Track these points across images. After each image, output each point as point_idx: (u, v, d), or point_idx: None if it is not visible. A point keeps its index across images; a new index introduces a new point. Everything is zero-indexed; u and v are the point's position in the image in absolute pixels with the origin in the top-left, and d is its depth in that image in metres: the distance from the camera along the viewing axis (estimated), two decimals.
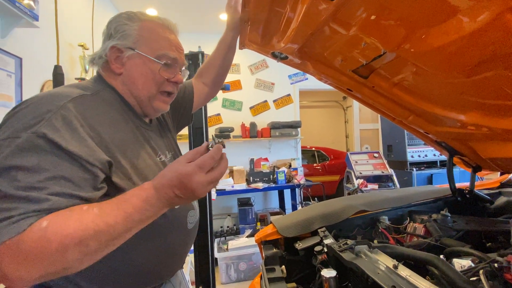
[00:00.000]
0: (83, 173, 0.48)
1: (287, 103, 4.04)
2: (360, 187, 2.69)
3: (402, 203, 1.10)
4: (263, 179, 3.22)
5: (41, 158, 0.45)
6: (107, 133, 0.56)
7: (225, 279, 2.48)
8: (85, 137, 0.50)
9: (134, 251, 0.58)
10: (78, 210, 0.45)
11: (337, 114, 6.90)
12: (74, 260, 0.43)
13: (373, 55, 0.72)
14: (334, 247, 0.74)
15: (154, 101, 0.67)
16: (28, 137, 0.45)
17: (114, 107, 0.62)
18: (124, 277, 0.59)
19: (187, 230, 0.70)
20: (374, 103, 0.98)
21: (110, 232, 0.44)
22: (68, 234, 0.42)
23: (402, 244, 0.95)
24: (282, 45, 0.83)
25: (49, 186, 0.44)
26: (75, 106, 0.52)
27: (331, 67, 0.89)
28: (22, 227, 0.41)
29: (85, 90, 0.59)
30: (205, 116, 1.75)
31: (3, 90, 1.41)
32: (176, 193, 0.48)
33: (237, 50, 0.97)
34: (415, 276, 0.60)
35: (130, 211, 0.46)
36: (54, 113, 0.49)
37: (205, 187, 0.48)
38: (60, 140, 0.46)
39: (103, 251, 0.46)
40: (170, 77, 0.67)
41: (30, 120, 0.47)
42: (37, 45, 1.70)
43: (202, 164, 0.48)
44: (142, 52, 0.64)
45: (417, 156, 3.34)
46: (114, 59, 0.64)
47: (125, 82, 0.65)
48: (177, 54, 0.68)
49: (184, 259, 0.74)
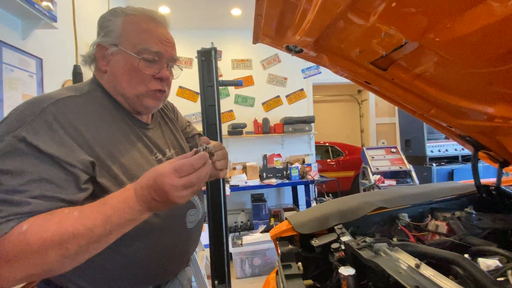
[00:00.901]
0: (64, 175, 0.48)
1: (300, 98, 3.98)
2: (377, 183, 2.63)
3: (422, 199, 1.06)
4: (276, 175, 3.21)
5: (22, 161, 0.45)
6: (92, 133, 0.54)
7: (240, 274, 2.51)
8: (65, 139, 0.50)
9: (129, 252, 0.57)
10: (59, 213, 0.45)
11: (351, 108, 6.74)
12: (55, 262, 0.43)
13: (393, 46, 0.69)
14: (352, 245, 0.72)
15: (143, 99, 0.64)
16: (9, 141, 0.46)
17: (104, 107, 0.61)
18: (120, 277, 0.58)
19: (186, 229, 0.67)
20: (393, 96, 0.94)
21: (89, 236, 0.44)
22: (47, 238, 0.42)
23: (423, 242, 0.92)
24: (297, 38, 0.80)
25: (30, 189, 0.44)
26: (58, 108, 0.52)
27: (348, 60, 0.86)
28: (4, 230, 0.41)
29: (75, 91, 0.59)
30: (218, 113, 1.76)
31: (26, 90, 1.48)
32: (152, 195, 0.46)
33: (249, 45, 0.95)
34: (439, 276, 0.57)
35: (109, 214, 0.45)
36: (35, 116, 0.49)
37: (179, 191, 0.45)
38: (39, 143, 0.47)
39: (84, 254, 0.45)
40: (153, 72, 0.63)
41: (14, 124, 0.48)
42: (56, 46, 1.76)
43: (178, 167, 0.46)
44: (124, 48, 0.61)
45: (437, 151, 3.22)
46: (100, 57, 0.63)
47: (110, 80, 0.63)
48: (161, 47, 0.63)
49: (186, 258, 0.72)
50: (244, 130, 3.59)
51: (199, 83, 1.74)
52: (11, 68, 1.36)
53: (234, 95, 3.85)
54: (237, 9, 3.30)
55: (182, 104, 3.68)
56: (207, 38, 3.13)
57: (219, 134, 1.75)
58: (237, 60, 3.86)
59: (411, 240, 0.92)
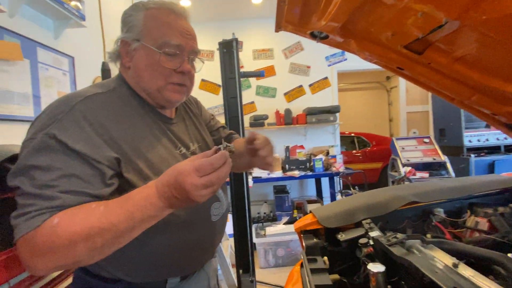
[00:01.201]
0: (91, 171, 0.49)
1: (324, 86, 3.85)
2: (408, 176, 2.49)
3: (460, 194, 0.98)
4: (299, 167, 3.17)
5: (52, 157, 0.48)
6: (118, 129, 0.56)
7: (264, 264, 2.54)
8: (92, 136, 0.51)
9: (156, 243, 0.59)
10: (86, 208, 0.47)
11: (379, 96, 6.40)
12: (83, 254, 0.45)
13: (431, 27, 0.63)
14: (382, 241, 0.69)
15: (164, 92, 0.64)
16: (41, 138, 0.48)
17: (129, 103, 0.62)
18: (149, 267, 0.60)
19: (211, 223, 0.68)
20: (429, 82, 0.86)
21: (114, 230, 0.45)
22: (75, 231, 0.44)
23: (461, 240, 0.86)
24: (323, 24, 0.76)
25: (60, 184, 0.47)
26: (86, 104, 0.54)
27: (379, 44, 0.80)
28: (36, 223, 0.44)
29: (101, 88, 0.60)
30: (240, 105, 1.75)
31: (61, 88, 1.58)
32: (173, 193, 0.46)
33: (270, 34, 0.91)
34: (480, 276, 0.53)
35: (132, 210, 0.46)
36: (65, 114, 0.51)
37: (199, 191, 0.46)
38: (67, 140, 0.49)
39: (111, 247, 0.47)
40: (174, 66, 0.62)
41: (46, 121, 0.50)
42: (86, 44, 1.84)
43: (199, 166, 0.46)
44: (145, 42, 0.61)
45: (475, 141, 2.96)
46: (124, 53, 0.64)
47: (133, 76, 0.64)
48: (181, 40, 0.62)
49: (212, 250, 0.73)
50: (266, 122, 3.56)
51: (221, 76, 1.74)
52: (46, 67, 1.46)
53: (256, 86, 3.82)
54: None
55: (204, 97, 3.73)
56: (228, 30, 3.11)
57: (241, 126, 1.76)
58: (258, 50, 3.80)
59: (446, 237, 0.86)
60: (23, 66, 1.31)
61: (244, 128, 1.79)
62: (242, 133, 1.77)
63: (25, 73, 1.32)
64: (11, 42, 1.23)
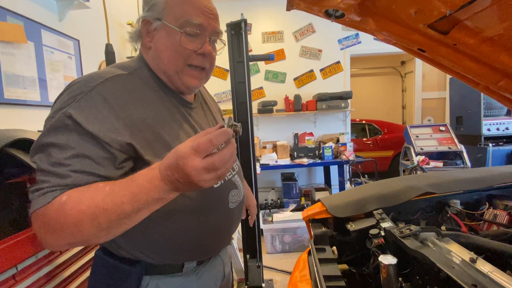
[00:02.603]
0: (103, 153, 0.49)
1: (336, 71, 3.72)
2: (421, 164, 2.41)
3: (478, 185, 0.93)
4: (308, 154, 3.13)
5: (68, 137, 0.48)
6: (139, 112, 0.55)
7: (271, 249, 2.58)
8: (109, 118, 0.51)
9: (175, 227, 0.59)
10: (93, 188, 0.47)
11: (393, 82, 6.18)
12: (90, 233, 0.45)
13: (461, 2, 0.56)
14: (394, 232, 0.66)
15: (182, 76, 0.62)
16: (59, 117, 0.49)
17: (150, 86, 0.61)
18: (168, 250, 0.61)
19: (229, 209, 0.68)
20: (452, 65, 0.80)
21: (118, 211, 0.45)
22: (81, 210, 0.44)
23: (477, 232, 0.82)
24: (339, 0, 0.70)
25: (72, 163, 0.47)
26: (107, 86, 0.53)
27: (400, 23, 0.73)
28: (47, 199, 0.45)
29: (123, 69, 0.59)
30: (248, 90, 1.70)
31: (67, 72, 1.56)
32: (176, 177, 0.44)
33: (280, 16, 0.84)
34: (499, 272, 0.50)
35: (136, 191, 0.45)
36: (85, 95, 0.51)
37: (201, 175, 0.42)
38: (82, 121, 0.49)
39: (118, 228, 0.46)
40: (195, 47, 0.60)
41: (66, 101, 0.51)
42: (91, 27, 1.81)
43: (197, 146, 0.42)
44: (167, 22, 0.58)
45: (494, 130, 2.83)
46: (145, 33, 0.62)
47: (154, 56, 0.62)
48: (203, 19, 0.60)
49: (229, 237, 0.74)
50: (274, 108, 3.50)
51: (228, 59, 1.69)
52: (51, 50, 1.44)
53: (265, 71, 3.73)
54: None
55: (211, 82, 3.67)
56: (236, 11, 3.00)
57: (249, 113, 1.72)
58: (268, 33, 3.68)
59: (462, 230, 0.82)
60: (28, 49, 1.30)
61: (252, 115, 1.75)
62: (251, 120, 1.74)
63: (30, 57, 1.31)
64: (14, 23, 1.21)
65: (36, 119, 1.35)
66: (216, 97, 3.69)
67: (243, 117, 1.72)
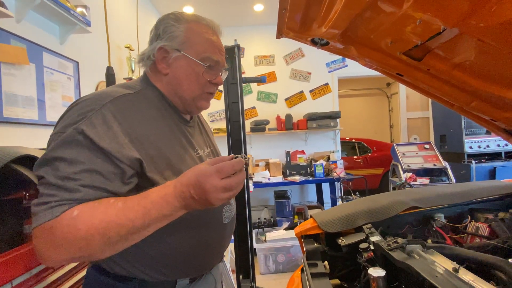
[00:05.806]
0: (113, 168, 0.51)
1: (324, 92, 3.88)
2: (408, 181, 2.48)
3: (461, 199, 0.98)
4: (300, 172, 3.17)
5: (78, 151, 0.50)
6: (144, 129, 0.58)
7: (264, 270, 2.52)
8: (119, 135, 0.53)
9: (171, 241, 0.60)
10: (105, 203, 0.48)
11: (380, 103, 6.43)
12: (97, 248, 0.46)
13: (430, 34, 0.64)
14: (382, 245, 0.69)
15: (198, 101, 0.70)
16: (70, 132, 0.51)
17: (154, 105, 0.65)
18: (162, 265, 0.61)
19: (222, 224, 0.70)
20: (428, 88, 0.87)
21: (130, 226, 0.47)
22: (93, 225, 0.45)
23: (462, 245, 0.85)
24: (323, 30, 0.78)
25: (82, 178, 0.48)
26: (116, 105, 0.57)
27: (379, 51, 0.81)
28: (56, 213, 0.45)
29: (129, 89, 0.63)
30: (241, 110, 1.77)
31: (65, 92, 1.59)
32: (191, 193, 0.48)
33: (271, 41, 0.93)
34: (480, 281, 0.53)
35: (149, 207, 0.48)
36: (95, 112, 0.53)
37: (218, 193, 0.48)
38: (94, 137, 0.51)
39: (123, 243, 0.49)
40: (212, 78, 0.69)
41: (76, 117, 0.53)
42: (91, 49, 1.87)
43: (220, 168, 0.49)
44: (187, 54, 0.66)
45: (476, 147, 2.96)
46: (161, 60, 0.67)
47: (171, 82, 0.68)
48: (219, 56, 0.70)
49: (221, 253, 0.75)
50: (267, 127, 3.58)
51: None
52: (51, 71, 1.48)
53: (257, 91, 3.85)
54: (260, 4, 3.27)
55: None
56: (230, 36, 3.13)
57: (243, 131, 1.77)
58: (260, 56, 3.85)
59: (447, 242, 0.86)
60: (29, 70, 1.33)
61: (245, 133, 1.80)
62: (244, 138, 1.78)
63: (30, 77, 1.34)
64: (18, 46, 1.25)
65: (33, 137, 1.36)
66: (211, 116, 3.76)
67: (236, 136, 1.77)
